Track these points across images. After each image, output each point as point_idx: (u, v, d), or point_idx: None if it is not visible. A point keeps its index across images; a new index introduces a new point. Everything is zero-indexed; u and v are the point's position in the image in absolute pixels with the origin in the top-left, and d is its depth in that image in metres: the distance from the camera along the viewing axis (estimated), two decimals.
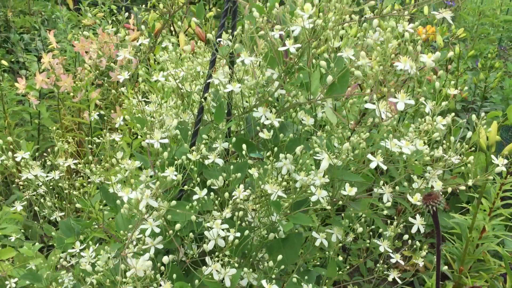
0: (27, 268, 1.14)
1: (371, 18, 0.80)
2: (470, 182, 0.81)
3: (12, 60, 3.53)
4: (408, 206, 0.95)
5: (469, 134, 0.83)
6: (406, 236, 0.88)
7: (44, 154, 1.13)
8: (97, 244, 1.22)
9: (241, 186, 0.79)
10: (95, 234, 1.20)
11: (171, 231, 0.75)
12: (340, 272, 1.05)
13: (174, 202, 0.75)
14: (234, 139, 0.82)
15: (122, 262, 0.67)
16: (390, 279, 0.92)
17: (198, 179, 0.83)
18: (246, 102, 0.89)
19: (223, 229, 0.76)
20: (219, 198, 0.81)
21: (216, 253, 0.76)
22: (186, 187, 0.83)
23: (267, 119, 0.83)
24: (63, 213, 1.17)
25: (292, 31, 0.74)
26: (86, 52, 2.20)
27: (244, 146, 0.80)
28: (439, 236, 0.78)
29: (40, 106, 2.48)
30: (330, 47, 0.83)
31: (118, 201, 0.83)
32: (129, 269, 0.68)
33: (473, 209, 1.64)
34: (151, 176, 0.90)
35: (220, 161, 0.84)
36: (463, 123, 2.34)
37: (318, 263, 1.03)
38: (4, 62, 2.40)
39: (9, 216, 1.68)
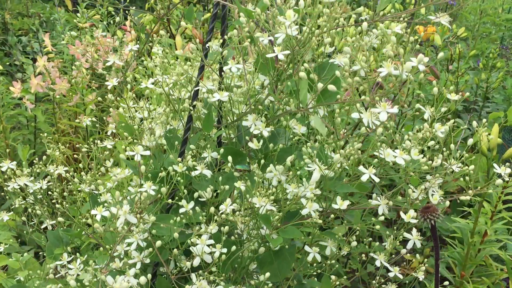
0: (16, 279, 1.11)
1: (368, 22, 0.77)
2: (469, 195, 0.78)
3: (9, 63, 3.50)
4: (409, 207, 0.91)
5: (470, 141, 0.80)
6: (404, 251, 0.85)
7: (40, 159, 1.11)
8: (94, 250, 1.19)
9: (228, 199, 0.75)
10: (90, 240, 1.17)
11: (157, 243, 0.71)
12: (337, 283, 1.02)
13: (153, 218, 0.71)
14: (221, 150, 0.79)
15: (103, 282, 0.64)
16: None
17: (186, 190, 0.80)
18: (236, 109, 0.86)
19: (208, 245, 0.73)
20: (206, 211, 0.77)
21: (201, 271, 0.73)
22: (171, 200, 0.79)
23: (257, 127, 0.80)
24: (54, 221, 1.14)
25: (276, 38, 0.71)
26: (83, 55, 2.18)
27: (230, 158, 0.77)
28: (438, 251, 0.75)
29: (35, 110, 2.45)
30: (323, 52, 0.80)
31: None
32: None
33: (474, 213, 1.61)
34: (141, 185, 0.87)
35: (208, 173, 0.81)
36: (464, 123, 2.30)
37: (315, 273, 1.00)
38: None
39: (1, 222, 1.65)
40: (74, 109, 2.37)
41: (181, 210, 0.78)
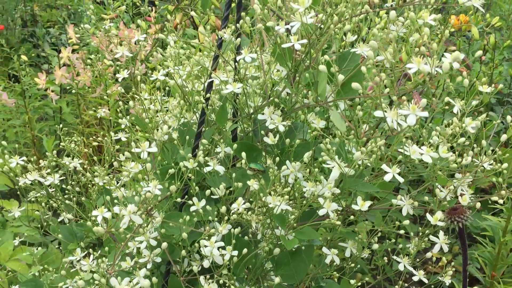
0: (30, 273, 1.10)
1: (390, 8, 0.71)
2: (502, 196, 0.72)
3: (37, 54, 3.54)
4: (435, 207, 0.86)
5: (504, 137, 0.73)
6: (429, 254, 0.79)
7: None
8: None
9: (240, 198, 0.71)
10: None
11: (164, 245, 0.68)
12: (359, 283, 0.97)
13: (159, 219, 0.68)
14: (235, 145, 0.75)
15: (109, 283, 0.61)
16: None
17: (199, 187, 0.76)
18: (252, 102, 0.81)
19: (218, 248, 0.69)
20: (219, 209, 0.74)
21: (210, 274, 0.69)
22: (180, 199, 0.76)
23: (273, 121, 0.75)
24: (70, 215, 1.12)
25: (291, 27, 0.66)
26: (106, 46, 2.16)
27: (243, 154, 0.73)
28: (466, 256, 0.69)
29: (60, 101, 2.46)
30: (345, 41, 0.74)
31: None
32: None
33: (507, 211, 1.54)
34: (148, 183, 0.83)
35: (220, 169, 0.76)
36: (497, 116, 2.20)
37: (335, 272, 0.95)
38: (24, 57, 2.39)
39: (24, 213, 1.66)
40: (98, 101, 2.37)
41: (192, 209, 0.74)
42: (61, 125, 1.26)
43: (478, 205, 0.71)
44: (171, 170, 0.71)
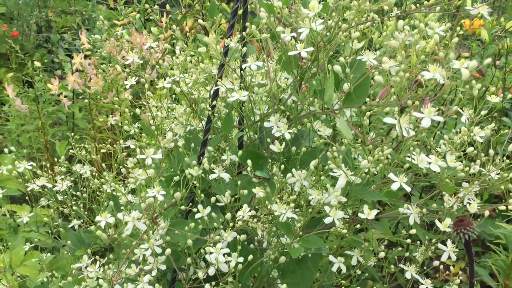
0: (38, 279, 1.11)
1: (395, 16, 0.70)
2: (510, 204, 0.70)
3: (52, 59, 3.57)
4: (443, 216, 0.84)
5: (511, 147, 0.72)
6: (436, 263, 0.78)
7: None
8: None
9: (245, 205, 0.71)
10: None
11: (167, 251, 0.68)
12: None
13: (163, 225, 0.68)
14: (240, 152, 0.75)
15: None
16: None
17: (205, 194, 0.76)
18: (258, 110, 0.81)
19: (224, 254, 0.68)
20: (225, 216, 0.73)
21: (215, 282, 0.69)
22: (184, 207, 0.76)
23: (279, 129, 0.75)
24: (81, 221, 1.13)
25: (300, 33, 0.65)
26: (119, 52, 2.17)
27: (249, 162, 0.73)
28: (473, 269, 0.68)
29: (73, 106, 2.48)
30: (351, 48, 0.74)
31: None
32: None
33: None
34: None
35: (226, 176, 0.76)
36: (511, 122, 2.18)
37: (343, 280, 0.94)
38: (37, 63, 2.41)
39: (32, 219, 1.67)
40: (110, 106, 2.38)
41: (197, 216, 0.74)
42: (73, 133, 1.27)
43: (487, 213, 0.70)
44: (176, 177, 0.71)
